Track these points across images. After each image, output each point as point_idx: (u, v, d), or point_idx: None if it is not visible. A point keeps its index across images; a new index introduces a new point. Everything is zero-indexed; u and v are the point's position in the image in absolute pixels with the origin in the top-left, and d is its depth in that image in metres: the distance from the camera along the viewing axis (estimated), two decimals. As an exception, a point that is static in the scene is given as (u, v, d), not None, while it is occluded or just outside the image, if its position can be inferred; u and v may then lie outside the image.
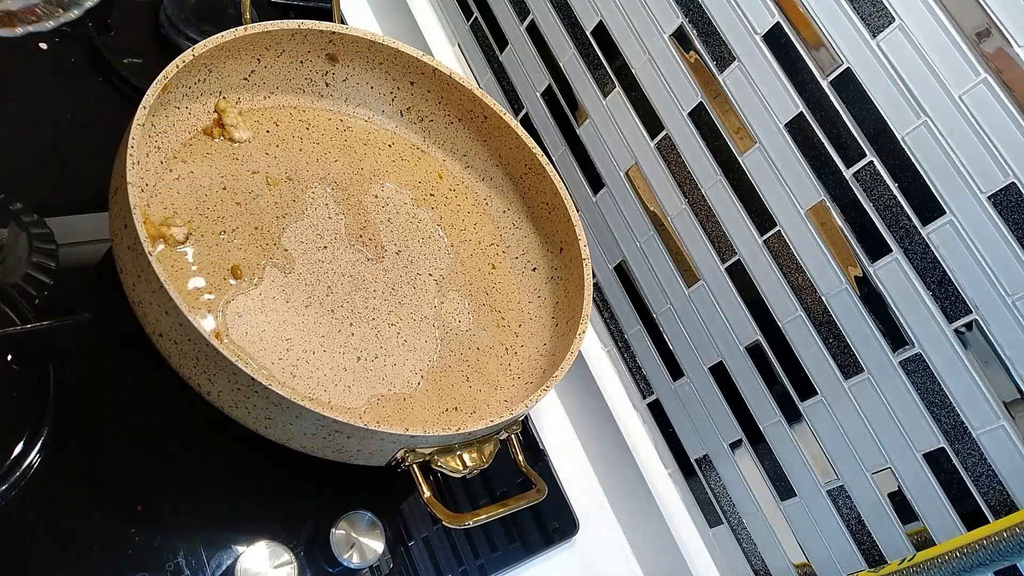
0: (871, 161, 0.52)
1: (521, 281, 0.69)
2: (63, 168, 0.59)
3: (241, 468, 0.54)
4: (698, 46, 0.61)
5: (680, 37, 0.62)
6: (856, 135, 0.53)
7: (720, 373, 0.63)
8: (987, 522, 0.49)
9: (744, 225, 0.60)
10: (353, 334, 0.57)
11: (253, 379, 0.43)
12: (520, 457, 0.57)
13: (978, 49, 0.47)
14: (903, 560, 0.50)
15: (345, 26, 0.62)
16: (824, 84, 0.54)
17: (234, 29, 0.55)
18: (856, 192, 0.53)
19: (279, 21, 0.58)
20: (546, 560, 0.64)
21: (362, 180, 0.65)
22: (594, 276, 0.72)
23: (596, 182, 0.71)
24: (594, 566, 0.66)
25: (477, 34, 0.81)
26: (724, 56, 0.59)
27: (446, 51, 0.83)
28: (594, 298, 0.74)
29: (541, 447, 0.68)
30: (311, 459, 0.51)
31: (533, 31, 0.74)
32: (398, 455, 0.50)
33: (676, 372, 0.67)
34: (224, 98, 0.60)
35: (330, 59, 0.64)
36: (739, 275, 0.61)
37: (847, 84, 0.53)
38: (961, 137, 0.48)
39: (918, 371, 0.52)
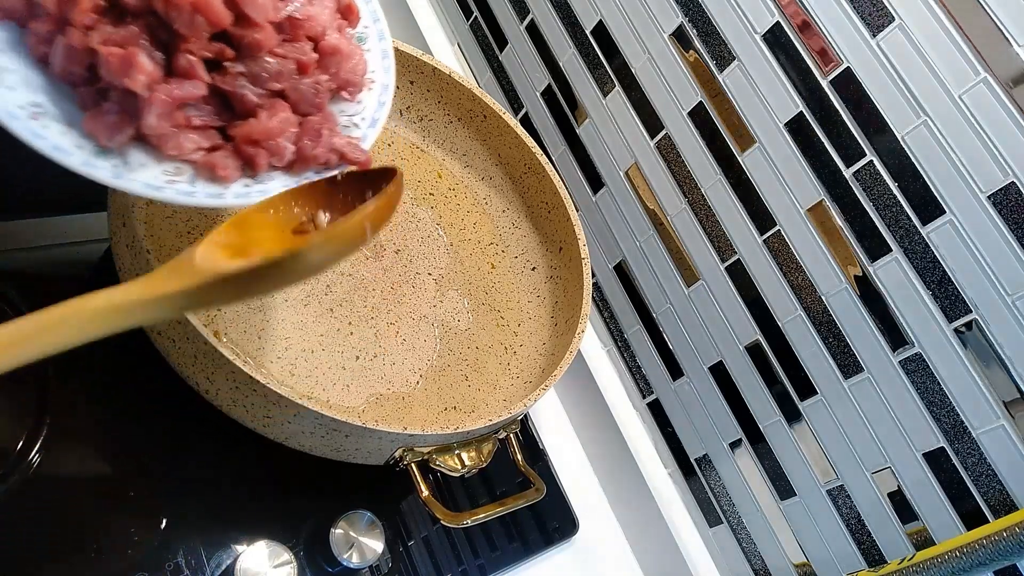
0: (871, 161, 0.52)
1: (520, 280, 0.69)
2: (61, 167, 0.58)
3: (240, 467, 0.54)
4: (698, 46, 0.61)
5: (680, 37, 0.62)
6: (856, 135, 0.53)
7: (720, 373, 0.63)
8: (987, 522, 0.49)
9: (744, 225, 0.60)
10: (352, 333, 0.57)
11: (251, 377, 0.43)
12: (519, 456, 0.57)
13: (978, 49, 0.47)
14: (903, 560, 0.50)
15: (345, 25, 0.62)
16: (824, 84, 0.54)
17: (233, 28, 0.55)
18: (856, 192, 0.53)
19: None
20: (546, 560, 0.64)
21: (362, 179, 0.65)
22: (593, 275, 0.72)
23: (596, 182, 0.71)
24: (594, 566, 0.66)
25: (477, 33, 0.81)
26: (724, 56, 0.59)
27: (446, 50, 0.83)
28: (593, 297, 0.74)
29: (540, 446, 0.68)
30: (310, 458, 0.51)
31: (533, 31, 0.74)
32: (396, 454, 0.50)
33: (676, 372, 0.67)
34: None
35: (330, 58, 0.64)
36: (739, 275, 0.61)
37: (847, 84, 0.53)
38: (961, 137, 0.48)
39: (918, 371, 0.51)
